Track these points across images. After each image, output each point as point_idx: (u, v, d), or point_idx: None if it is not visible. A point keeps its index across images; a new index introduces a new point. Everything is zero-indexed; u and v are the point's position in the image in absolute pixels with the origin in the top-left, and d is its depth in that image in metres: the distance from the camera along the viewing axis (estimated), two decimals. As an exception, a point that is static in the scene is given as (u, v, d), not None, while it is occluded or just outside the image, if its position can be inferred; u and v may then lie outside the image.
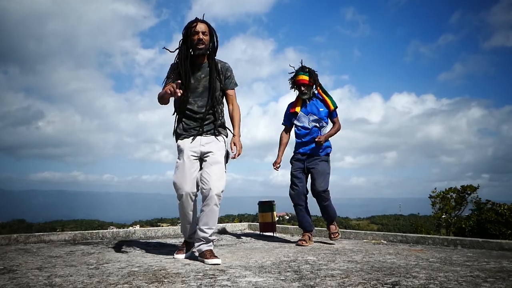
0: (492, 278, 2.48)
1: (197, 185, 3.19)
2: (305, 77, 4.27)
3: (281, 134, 4.54)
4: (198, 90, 3.25)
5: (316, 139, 4.16)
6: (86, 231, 4.72)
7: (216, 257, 3.04)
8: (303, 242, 4.17)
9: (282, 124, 4.53)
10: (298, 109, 4.34)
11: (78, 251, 3.61)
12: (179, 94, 2.91)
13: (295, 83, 4.35)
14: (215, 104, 3.26)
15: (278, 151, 4.51)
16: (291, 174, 4.35)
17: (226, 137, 3.36)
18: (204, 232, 3.11)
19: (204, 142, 3.22)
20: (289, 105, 4.48)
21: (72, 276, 2.51)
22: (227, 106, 3.41)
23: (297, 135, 4.40)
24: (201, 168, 3.22)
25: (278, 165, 4.49)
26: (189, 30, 3.20)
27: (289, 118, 4.44)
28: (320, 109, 4.27)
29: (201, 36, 3.16)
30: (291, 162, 4.42)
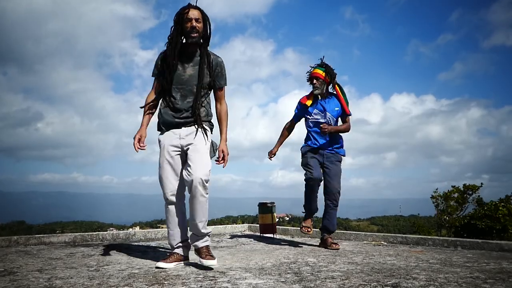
0: (492, 279, 2.49)
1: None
2: (320, 71, 4.15)
3: (284, 125, 4.44)
4: (183, 78, 3.01)
5: (322, 125, 4.03)
6: (86, 233, 4.72)
7: (212, 257, 2.88)
8: (307, 229, 4.15)
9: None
10: (309, 102, 4.20)
11: (78, 253, 3.61)
12: (137, 150, 2.94)
13: (310, 76, 4.23)
14: (199, 95, 3.02)
15: (278, 141, 4.43)
16: (306, 161, 4.14)
17: (211, 130, 3.13)
18: (196, 226, 2.92)
19: (184, 135, 2.99)
20: (300, 99, 4.32)
21: (73, 278, 2.51)
22: (214, 104, 3.20)
23: (311, 132, 4.22)
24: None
25: (273, 155, 4.41)
26: (181, 17, 2.96)
27: (299, 112, 4.31)
28: (336, 108, 4.15)
29: (194, 23, 2.93)
30: (304, 153, 4.21)
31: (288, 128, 4.45)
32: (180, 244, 3.04)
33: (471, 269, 2.84)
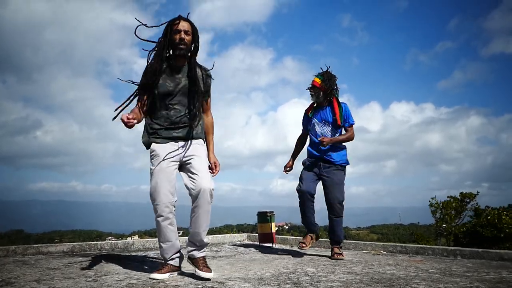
0: (492, 289, 2.48)
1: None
2: (318, 80, 4.15)
3: (297, 139, 4.46)
4: (175, 93, 2.97)
5: (320, 139, 4.01)
6: (84, 243, 4.70)
7: (209, 268, 2.85)
8: (303, 245, 4.11)
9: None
10: (310, 111, 4.24)
11: (76, 263, 3.59)
12: (129, 124, 2.70)
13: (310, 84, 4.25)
14: (194, 108, 2.99)
15: (292, 155, 4.42)
16: (301, 172, 4.19)
17: (204, 142, 3.13)
18: (199, 236, 2.87)
19: (183, 147, 2.97)
20: (306, 110, 4.36)
21: (70, 288, 2.50)
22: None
23: (310, 143, 4.28)
24: (181, 172, 2.99)
25: (288, 169, 4.37)
26: (170, 28, 2.94)
27: (304, 122, 4.36)
28: (333, 118, 4.15)
29: (183, 35, 2.91)
30: (303, 163, 4.25)
31: (300, 140, 4.45)
32: (174, 256, 2.97)
33: (470, 279, 2.83)
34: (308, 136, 4.34)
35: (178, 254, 3.00)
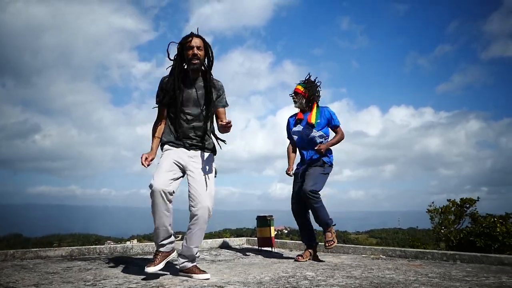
0: (491, 294, 2.48)
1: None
2: (300, 87, 4.32)
3: (287, 147, 4.59)
4: (190, 104, 3.18)
5: (316, 148, 4.11)
6: (83, 247, 4.68)
7: (204, 272, 3.04)
8: (299, 258, 4.13)
9: (287, 137, 4.57)
10: (299, 117, 4.35)
11: (75, 267, 3.58)
12: (145, 166, 3.06)
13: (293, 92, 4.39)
14: (206, 119, 3.21)
15: (288, 161, 4.53)
16: (292, 186, 4.38)
17: (214, 154, 3.30)
18: (191, 251, 3.05)
19: (193, 156, 3.15)
20: (289, 118, 4.52)
21: (69, 293, 2.49)
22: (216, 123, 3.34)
23: (293, 149, 4.51)
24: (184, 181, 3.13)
25: (292, 171, 4.45)
26: (184, 45, 3.15)
27: (288, 130, 4.51)
28: (317, 121, 4.25)
29: (195, 51, 3.10)
30: (293, 175, 4.43)
31: (291, 150, 4.56)
32: (165, 242, 3.06)
33: (470, 284, 2.82)
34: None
35: (170, 239, 3.09)
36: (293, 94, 4.36)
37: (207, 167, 3.14)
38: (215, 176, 3.24)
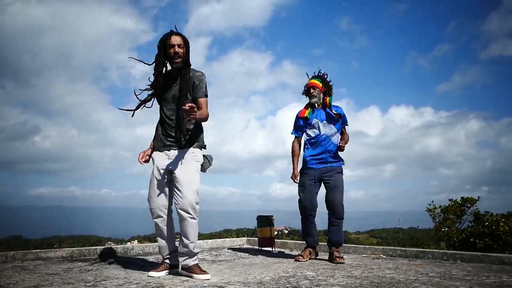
0: (492, 293, 2.47)
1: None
2: (317, 81, 4.23)
3: (292, 145, 4.38)
4: (168, 99, 3.21)
5: (340, 144, 4.11)
6: (83, 248, 4.68)
7: (205, 272, 3.05)
8: (300, 258, 4.10)
9: (292, 133, 4.39)
10: (308, 113, 4.22)
11: (75, 268, 3.58)
12: (141, 163, 3.21)
13: (306, 87, 4.29)
14: (182, 115, 3.12)
15: (293, 163, 4.34)
16: (300, 183, 4.21)
17: (200, 149, 3.23)
18: (185, 246, 3.06)
19: (173, 156, 3.15)
20: (297, 113, 4.34)
21: (70, 294, 2.48)
22: None
23: (309, 144, 4.26)
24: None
25: (297, 178, 4.29)
26: (164, 43, 3.16)
27: (300, 126, 4.31)
28: (334, 118, 4.19)
29: (177, 49, 3.12)
30: (301, 173, 4.27)
31: (298, 144, 4.39)
32: (169, 256, 3.22)
33: (470, 283, 2.82)
34: (303, 140, 4.37)
35: (173, 254, 3.22)
36: (311, 89, 4.22)
37: (188, 163, 3.11)
38: (209, 165, 3.26)
